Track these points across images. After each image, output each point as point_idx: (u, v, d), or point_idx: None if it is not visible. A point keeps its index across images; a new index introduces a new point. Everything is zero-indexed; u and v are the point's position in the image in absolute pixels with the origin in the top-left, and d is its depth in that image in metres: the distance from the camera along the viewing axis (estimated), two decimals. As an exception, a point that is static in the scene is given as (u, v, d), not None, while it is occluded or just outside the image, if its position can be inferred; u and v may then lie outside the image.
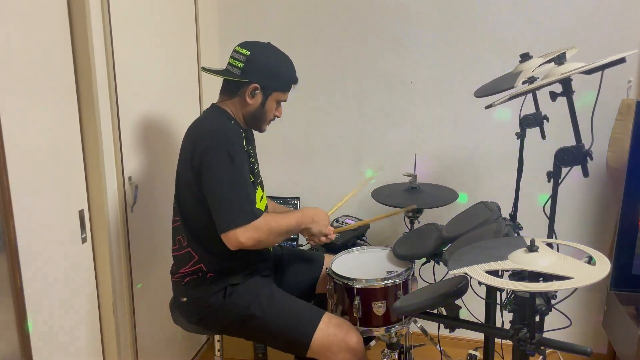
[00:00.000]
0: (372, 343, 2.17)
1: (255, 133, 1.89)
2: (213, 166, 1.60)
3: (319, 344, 1.66)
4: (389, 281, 1.75)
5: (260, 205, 1.79)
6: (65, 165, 1.63)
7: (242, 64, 1.69)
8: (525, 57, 1.79)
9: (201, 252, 1.72)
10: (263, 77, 1.71)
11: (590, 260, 1.20)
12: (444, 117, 2.45)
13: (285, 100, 1.79)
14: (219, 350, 1.95)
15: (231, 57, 1.72)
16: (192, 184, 1.67)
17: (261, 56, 1.70)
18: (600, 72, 1.39)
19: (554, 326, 1.68)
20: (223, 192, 1.60)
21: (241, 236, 1.57)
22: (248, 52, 1.69)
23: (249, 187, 1.65)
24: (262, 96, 1.73)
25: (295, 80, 1.78)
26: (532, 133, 1.79)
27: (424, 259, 1.88)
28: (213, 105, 1.79)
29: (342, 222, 2.37)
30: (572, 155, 1.46)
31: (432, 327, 2.17)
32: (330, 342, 1.66)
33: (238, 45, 1.72)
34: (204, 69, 1.82)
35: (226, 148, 1.60)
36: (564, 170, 1.51)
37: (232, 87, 1.74)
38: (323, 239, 1.86)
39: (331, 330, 1.67)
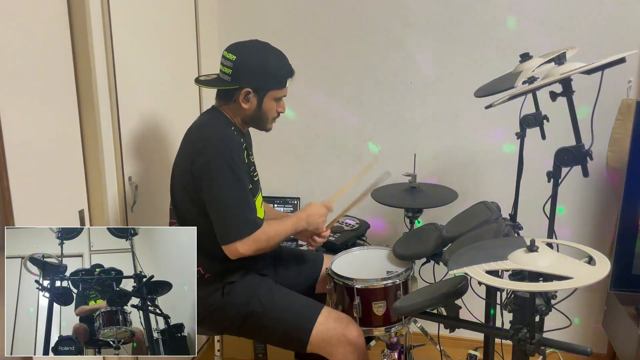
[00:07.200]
0: (372, 343, 2.17)
1: (255, 134, 1.89)
2: (215, 180, 1.62)
3: (319, 338, 1.66)
4: (389, 281, 1.75)
5: (259, 213, 1.79)
6: (65, 165, 1.63)
7: (230, 70, 1.67)
8: (525, 57, 1.79)
9: (199, 256, 1.72)
10: (253, 80, 1.68)
11: (590, 260, 1.20)
12: (444, 117, 2.45)
13: (285, 96, 1.76)
14: (219, 350, 1.95)
15: (220, 63, 1.70)
16: (190, 189, 1.68)
17: (247, 58, 1.67)
18: (600, 72, 1.39)
19: (554, 326, 1.68)
20: (225, 206, 1.63)
21: (240, 248, 1.63)
22: (234, 57, 1.66)
23: (249, 198, 1.68)
24: (256, 98, 1.70)
25: (289, 74, 1.73)
26: (532, 133, 1.79)
27: (424, 259, 1.89)
28: (213, 108, 1.78)
29: (342, 221, 2.37)
30: (572, 155, 1.46)
31: (432, 327, 2.17)
32: (330, 336, 1.66)
33: (225, 50, 1.70)
34: (197, 81, 1.79)
35: (228, 161, 1.62)
36: (564, 170, 1.51)
37: (226, 94, 1.72)
38: (317, 239, 1.86)
39: (331, 324, 1.68)
